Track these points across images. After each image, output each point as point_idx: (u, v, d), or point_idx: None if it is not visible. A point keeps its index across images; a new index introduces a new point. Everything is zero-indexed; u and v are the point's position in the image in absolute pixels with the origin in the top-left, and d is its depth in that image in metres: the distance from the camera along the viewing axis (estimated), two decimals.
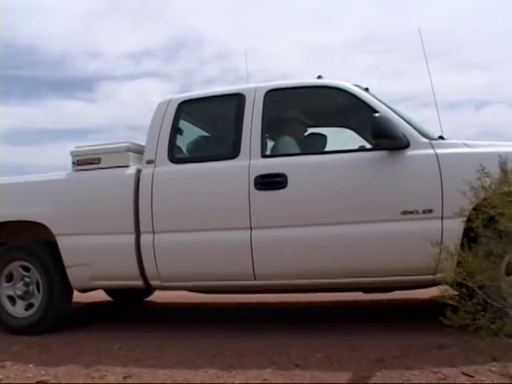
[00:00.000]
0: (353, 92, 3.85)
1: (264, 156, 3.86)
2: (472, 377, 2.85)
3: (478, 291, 2.78)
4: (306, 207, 3.68)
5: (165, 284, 4.03)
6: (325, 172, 3.74)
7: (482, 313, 2.60)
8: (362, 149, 3.98)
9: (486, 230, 2.81)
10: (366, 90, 3.93)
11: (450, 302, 2.60)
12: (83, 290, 4.46)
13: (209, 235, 3.83)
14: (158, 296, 5.87)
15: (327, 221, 3.64)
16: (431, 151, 3.58)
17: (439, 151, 3.56)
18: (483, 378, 2.81)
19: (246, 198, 3.75)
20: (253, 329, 4.08)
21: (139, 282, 4.07)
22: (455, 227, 3.44)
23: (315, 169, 3.74)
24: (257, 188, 3.73)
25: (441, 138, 3.75)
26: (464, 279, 2.70)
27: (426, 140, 3.66)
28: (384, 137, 3.54)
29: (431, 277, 3.55)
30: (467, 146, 3.62)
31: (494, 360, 3.02)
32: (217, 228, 3.82)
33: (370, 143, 3.95)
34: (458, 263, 3.45)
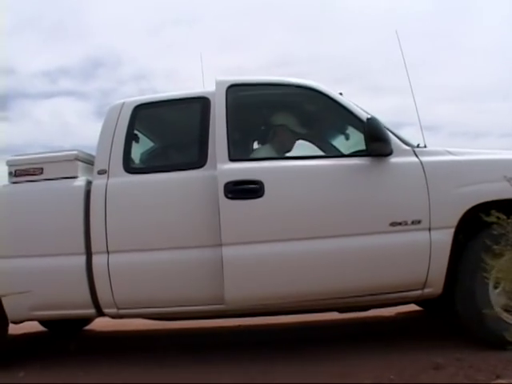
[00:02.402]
0: (329, 94, 3.61)
1: (232, 160, 3.44)
2: None
3: None
4: (286, 219, 3.33)
5: (122, 312, 3.50)
6: (305, 179, 3.42)
7: None
8: (340, 155, 3.73)
9: None
10: (340, 94, 3.71)
11: None
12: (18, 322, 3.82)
13: (173, 254, 3.38)
14: (98, 324, 5.28)
15: (307, 235, 3.32)
16: (414, 159, 3.41)
17: (423, 159, 3.38)
18: None
19: (215, 210, 3.35)
20: (211, 359, 3.65)
21: (90, 311, 3.53)
22: (444, 238, 3.26)
23: (294, 175, 3.42)
24: (228, 197, 3.32)
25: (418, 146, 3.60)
26: None
27: (407, 147, 3.48)
28: (378, 140, 3.30)
29: (419, 292, 3.34)
30: (451, 153, 3.47)
31: (498, 377, 2.82)
32: (182, 246, 3.39)
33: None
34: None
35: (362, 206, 3.32)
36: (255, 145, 3.92)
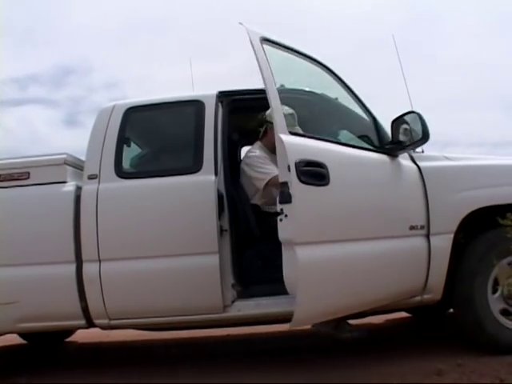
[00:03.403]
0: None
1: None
2: None
3: None
4: (350, 215, 2.98)
5: (113, 323, 3.35)
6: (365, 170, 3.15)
7: None
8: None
9: None
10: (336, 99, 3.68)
11: None
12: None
13: (169, 262, 3.27)
14: (80, 336, 5.08)
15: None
16: (410, 163, 3.40)
17: (421, 164, 3.38)
18: None
19: (212, 216, 3.27)
20: (199, 369, 3.55)
21: (80, 322, 3.37)
22: (443, 244, 3.25)
23: (357, 163, 3.12)
24: (301, 181, 2.78)
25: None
26: None
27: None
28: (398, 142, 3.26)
29: (419, 298, 3.33)
30: (448, 159, 3.48)
31: (502, 381, 2.81)
32: (181, 253, 3.27)
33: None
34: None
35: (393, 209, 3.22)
36: None
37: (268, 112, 3.70)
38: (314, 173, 2.76)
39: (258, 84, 3.37)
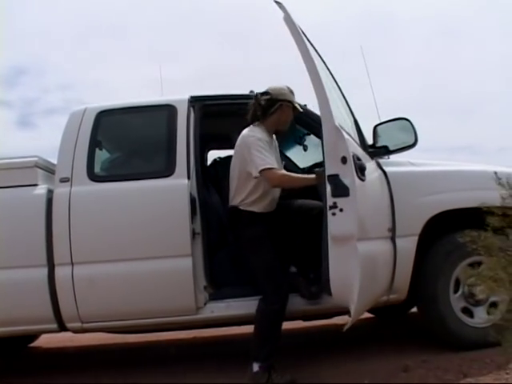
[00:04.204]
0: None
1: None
2: None
3: None
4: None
5: (86, 326, 3.35)
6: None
7: None
8: None
9: None
10: (305, 105, 3.78)
11: None
12: None
13: (144, 265, 3.29)
14: (43, 341, 5.01)
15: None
16: (378, 168, 3.52)
17: (387, 169, 3.50)
18: None
19: (185, 219, 3.31)
20: (170, 371, 3.58)
21: (52, 326, 3.35)
22: (408, 246, 3.39)
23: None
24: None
25: None
26: None
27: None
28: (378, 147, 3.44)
29: (385, 298, 3.45)
30: (413, 164, 3.63)
31: (466, 376, 2.98)
32: (154, 256, 3.30)
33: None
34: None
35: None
36: None
37: (273, 88, 3.44)
38: (361, 167, 2.85)
39: (213, 89, 3.47)
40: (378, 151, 3.52)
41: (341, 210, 2.72)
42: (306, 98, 3.54)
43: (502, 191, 2.64)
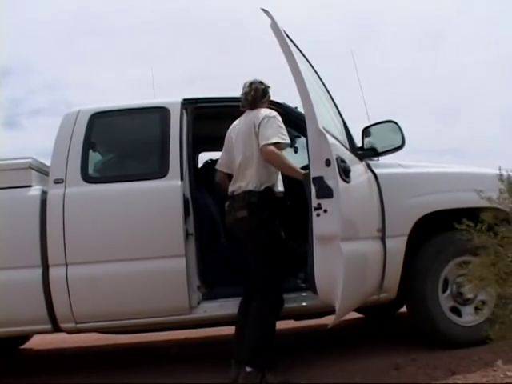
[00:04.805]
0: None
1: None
2: None
3: None
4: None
5: (80, 326, 3.38)
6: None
7: None
8: None
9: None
10: (296, 108, 3.83)
11: None
12: None
13: (138, 265, 3.33)
14: (35, 343, 5.02)
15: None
16: (368, 170, 3.58)
17: (377, 171, 3.57)
18: None
19: (178, 219, 3.35)
20: (163, 372, 3.60)
21: (46, 326, 3.38)
22: (397, 246, 3.46)
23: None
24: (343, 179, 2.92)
25: None
26: None
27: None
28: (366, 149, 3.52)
29: (376, 297, 3.51)
30: (402, 166, 3.70)
31: (454, 373, 3.05)
32: (148, 257, 3.34)
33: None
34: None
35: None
36: None
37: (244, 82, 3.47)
38: (345, 169, 2.90)
39: (199, 91, 3.50)
40: (366, 153, 3.59)
41: (325, 210, 2.78)
42: (293, 101, 3.65)
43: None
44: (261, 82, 3.44)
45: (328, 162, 2.80)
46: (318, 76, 3.53)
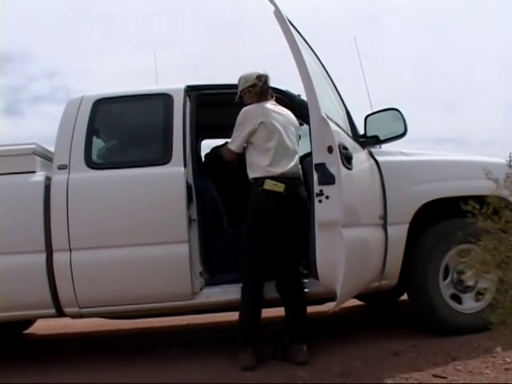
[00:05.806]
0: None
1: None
2: (444, 378, 2.85)
3: None
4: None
5: (83, 311, 3.41)
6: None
7: None
8: None
9: None
10: (299, 95, 3.83)
11: None
12: None
13: (142, 250, 3.35)
14: (38, 328, 5.05)
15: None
16: (370, 158, 3.60)
17: (379, 158, 3.59)
18: (456, 378, 2.84)
19: (181, 206, 3.37)
20: (165, 359, 3.62)
21: (50, 311, 3.41)
22: (399, 233, 3.49)
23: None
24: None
25: None
26: None
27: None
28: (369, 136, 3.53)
29: (377, 284, 3.54)
30: (404, 154, 3.72)
31: (454, 359, 3.09)
32: (151, 242, 3.36)
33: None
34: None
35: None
36: None
37: (244, 75, 3.55)
38: (347, 156, 2.94)
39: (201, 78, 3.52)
40: (369, 141, 3.61)
41: (327, 197, 2.83)
42: (296, 89, 3.68)
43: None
44: (266, 75, 3.51)
45: (330, 149, 2.83)
46: (321, 63, 3.53)
